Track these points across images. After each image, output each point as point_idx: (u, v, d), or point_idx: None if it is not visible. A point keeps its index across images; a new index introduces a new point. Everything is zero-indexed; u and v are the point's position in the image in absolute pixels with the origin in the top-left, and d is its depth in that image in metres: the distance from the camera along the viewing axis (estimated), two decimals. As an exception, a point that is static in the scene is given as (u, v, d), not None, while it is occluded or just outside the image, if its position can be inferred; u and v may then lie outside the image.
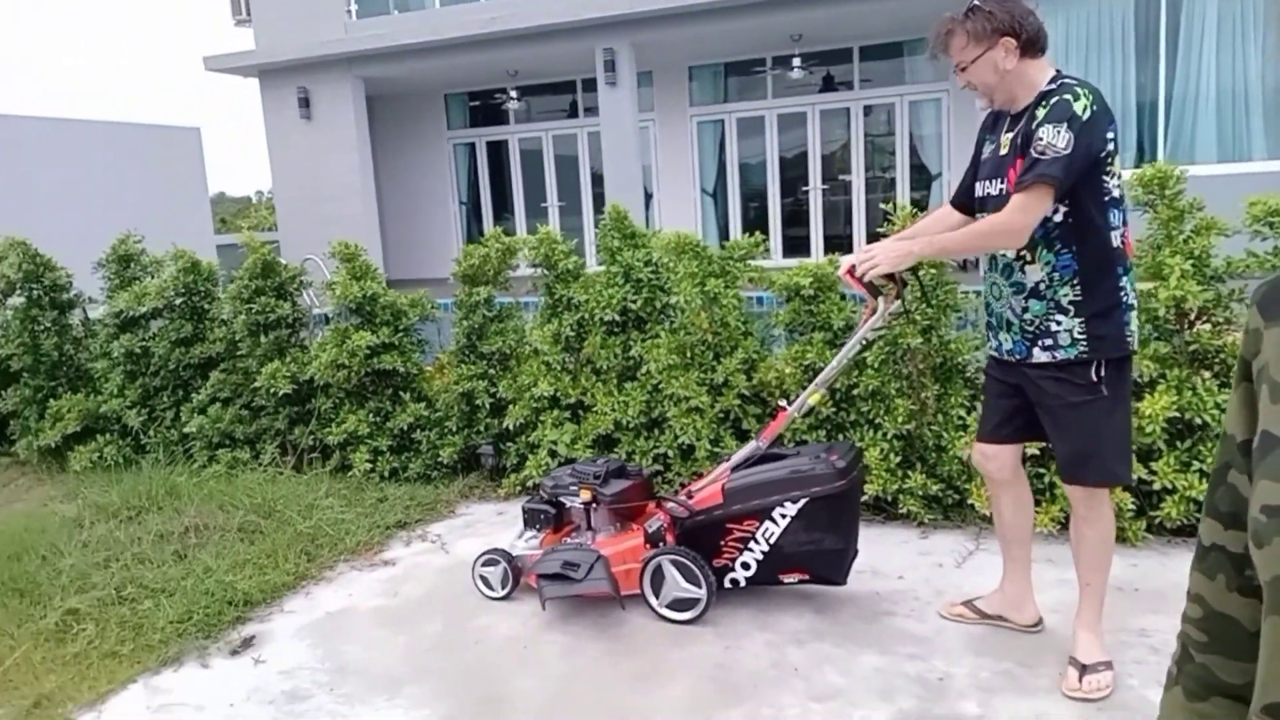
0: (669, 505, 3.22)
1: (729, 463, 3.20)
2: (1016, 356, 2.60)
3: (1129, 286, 2.50)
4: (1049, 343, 2.52)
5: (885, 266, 2.59)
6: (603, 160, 12.07)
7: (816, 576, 3.12)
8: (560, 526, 3.47)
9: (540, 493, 3.52)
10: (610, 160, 11.91)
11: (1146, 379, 3.49)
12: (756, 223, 13.21)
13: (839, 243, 12.81)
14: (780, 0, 10.55)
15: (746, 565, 3.11)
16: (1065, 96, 2.38)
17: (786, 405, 3.16)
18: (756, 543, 3.07)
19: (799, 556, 3.05)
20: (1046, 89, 2.45)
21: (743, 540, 3.09)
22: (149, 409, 5.33)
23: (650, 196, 13.81)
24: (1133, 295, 2.52)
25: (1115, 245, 2.47)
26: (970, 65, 2.51)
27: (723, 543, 3.12)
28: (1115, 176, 2.46)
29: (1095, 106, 2.37)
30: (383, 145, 14.77)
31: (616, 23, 11.40)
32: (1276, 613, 0.67)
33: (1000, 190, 2.53)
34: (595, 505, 3.32)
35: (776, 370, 4.03)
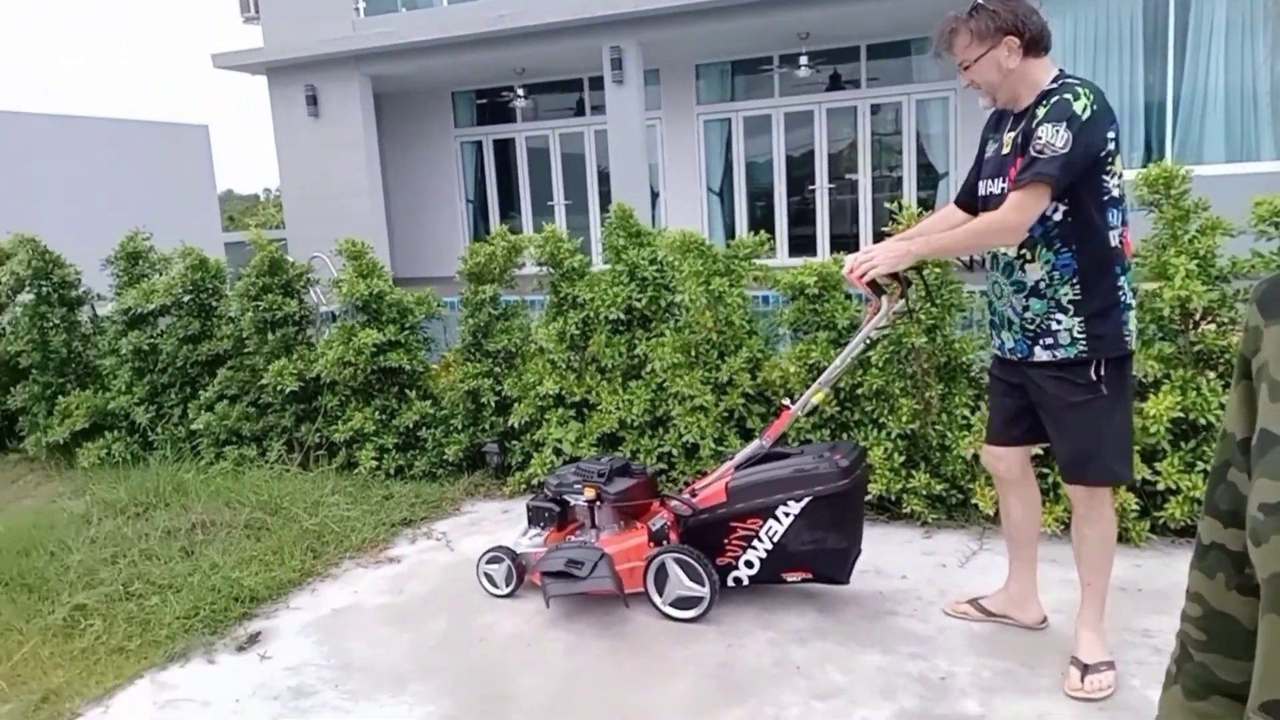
0: (673, 503, 3.22)
1: (733, 461, 3.21)
2: (1018, 355, 2.61)
3: (1127, 286, 2.51)
4: (1049, 341, 2.53)
5: (884, 267, 2.60)
6: (609, 158, 12.06)
7: (819, 575, 3.13)
8: (564, 524, 3.48)
9: (545, 491, 3.53)
10: (617, 158, 11.91)
11: (1151, 379, 3.48)
12: (763, 222, 13.19)
13: (845, 242, 12.78)
14: (787, -1, 10.54)
15: (750, 564, 3.12)
16: (1065, 96, 2.39)
17: (790, 404, 3.17)
18: (760, 541, 3.08)
19: (802, 555, 3.06)
20: (1048, 88, 2.46)
21: (746, 539, 3.10)
22: (157, 406, 5.36)
23: (657, 195, 13.80)
24: (1130, 295, 2.52)
25: (1114, 245, 2.48)
26: (973, 64, 2.51)
27: (726, 541, 3.13)
28: (1116, 176, 2.46)
29: (1096, 106, 2.37)
30: (390, 143, 14.80)
31: (624, 21, 11.40)
32: (1274, 610, 0.66)
33: (1002, 189, 2.53)
34: (599, 503, 3.33)
35: (781, 369, 4.03)
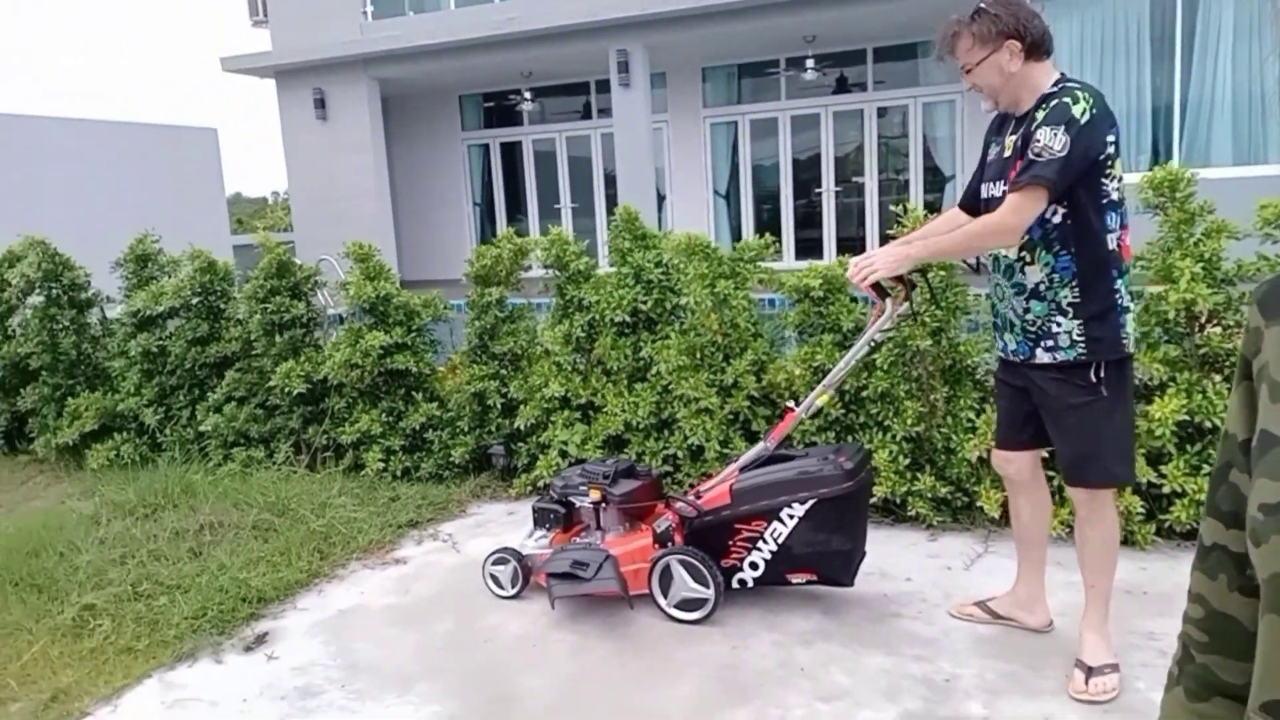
0: (678, 505, 3.23)
1: (737, 463, 3.22)
2: (1020, 357, 2.63)
3: (1123, 289, 2.52)
4: (1050, 344, 2.54)
5: (883, 271, 2.62)
6: (616, 161, 12.08)
7: (824, 577, 3.13)
8: (570, 526, 3.49)
9: (550, 492, 3.55)
10: (623, 161, 11.93)
11: (1156, 382, 3.48)
12: (769, 225, 13.19)
13: (852, 245, 12.75)
14: (794, 1, 10.54)
15: (754, 565, 3.13)
16: (1065, 100, 2.40)
17: (794, 406, 3.17)
18: (764, 543, 3.09)
19: (807, 557, 3.07)
20: (1048, 91, 2.47)
21: (751, 541, 3.11)
22: (165, 407, 5.39)
23: (663, 198, 13.82)
24: (1128, 298, 2.53)
25: (1112, 248, 2.49)
26: (975, 67, 2.53)
27: (731, 543, 3.14)
28: (1116, 180, 2.47)
29: (1095, 110, 2.38)
30: (397, 146, 14.85)
31: (631, 24, 11.42)
32: (1274, 610, 0.66)
33: (1003, 192, 2.54)
34: (604, 505, 3.34)
35: (786, 372, 4.04)
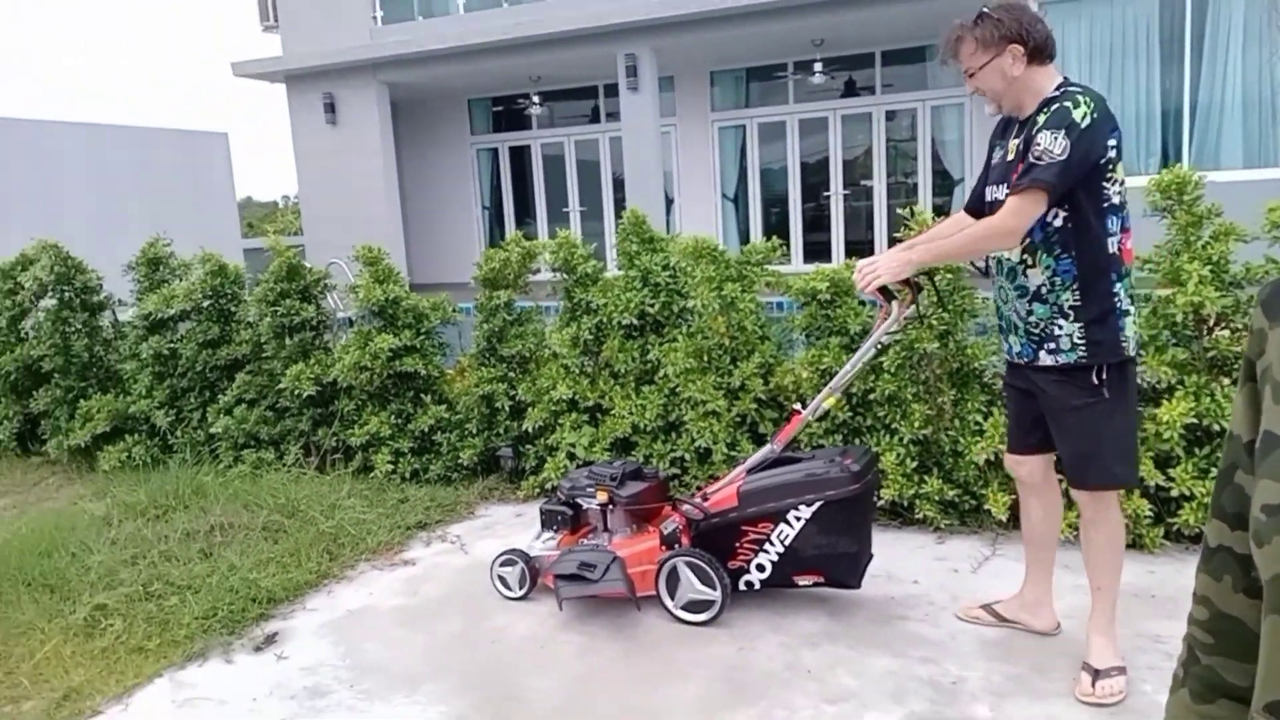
0: (684, 507, 3.24)
1: (744, 465, 3.23)
2: (1024, 359, 2.64)
3: (1124, 293, 2.52)
4: (1052, 346, 2.55)
5: (886, 276, 2.63)
6: (624, 165, 12.11)
7: (831, 579, 3.14)
8: (577, 528, 3.51)
9: (558, 494, 3.56)
10: (631, 165, 11.95)
11: (1164, 385, 3.48)
12: (777, 228, 13.19)
13: (860, 248, 12.76)
14: (802, 5, 10.55)
15: (761, 567, 3.13)
16: (1066, 103, 2.41)
17: (801, 409, 3.18)
18: (771, 545, 3.09)
19: (813, 559, 3.08)
20: (1050, 95, 2.48)
21: (757, 543, 3.11)
22: (176, 410, 5.42)
23: (671, 201, 13.84)
24: (1128, 301, 2.54)
25: (1112, 251, 2.49)
26: (978, 71, 2.54)
27: (737, 545, 3.15)
28: (1117, 183, 2.48)
29: (1096, 114, 2.39)
30: (407, 150, 14.91)
31: (639, 28, 11.45)
32: (1277, 611, 0.66)
33: (1006, 196, 2.55)
34: (612, 507, 3.35)
35: (793, 374, 4.04)
